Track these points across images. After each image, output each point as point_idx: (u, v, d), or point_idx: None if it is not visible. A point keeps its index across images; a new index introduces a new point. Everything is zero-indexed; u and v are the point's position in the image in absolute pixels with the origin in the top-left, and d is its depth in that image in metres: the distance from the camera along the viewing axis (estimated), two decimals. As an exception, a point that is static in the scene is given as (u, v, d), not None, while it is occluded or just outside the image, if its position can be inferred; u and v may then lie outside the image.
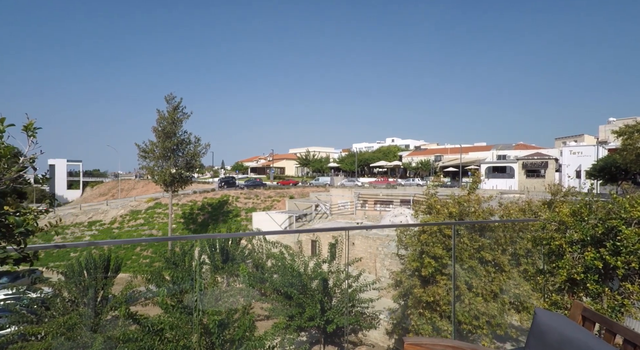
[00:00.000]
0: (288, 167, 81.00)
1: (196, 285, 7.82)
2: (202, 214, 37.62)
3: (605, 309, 2.36)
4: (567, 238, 2.70)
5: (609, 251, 2.46)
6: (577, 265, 2.54)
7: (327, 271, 10.85)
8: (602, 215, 2.66)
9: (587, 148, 37.69)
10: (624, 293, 2.45)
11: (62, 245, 2.15)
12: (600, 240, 2.54)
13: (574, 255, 2.62)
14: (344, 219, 34.29)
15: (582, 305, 1.40)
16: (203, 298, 7.60)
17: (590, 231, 2.59)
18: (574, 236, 2.66)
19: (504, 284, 6.82)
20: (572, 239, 2.67)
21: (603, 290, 2.43)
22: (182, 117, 29.26)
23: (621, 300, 2.38)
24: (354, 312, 11.21)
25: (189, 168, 30.44)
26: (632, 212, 2.53)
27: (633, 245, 2.35)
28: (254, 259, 14.80)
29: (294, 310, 9.54)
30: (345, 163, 64.11)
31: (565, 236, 2.71)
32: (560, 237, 2.72)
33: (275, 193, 42.49)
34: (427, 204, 8.60)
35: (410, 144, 76.59)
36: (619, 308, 2.35)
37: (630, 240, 2.38)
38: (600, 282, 2.50)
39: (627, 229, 2.44)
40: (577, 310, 1.44)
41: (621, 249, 2.39)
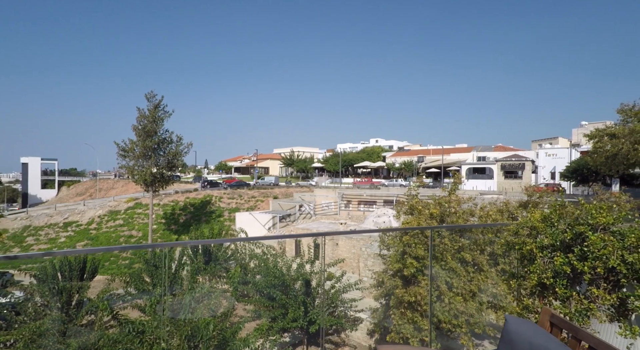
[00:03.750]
0: (272, 167, 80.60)
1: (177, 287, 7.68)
2: (184, 214, 36.95)
3: (572, 313, 2.44)
4: (537, 243, 2.76)
5: (577, 256, 2.54)
6: (547, 270, 2.61)
7: (310, 272, 10.86)
8: (570, 221, 2.75)
9: (561, 150, 39.17)
10: (590, 297, 2.53)
11: (14, 256, 2.01)
12: (569, 246, 2.62)
13: (544, 260, 2.69)
14: (327, 219, 34.38)
15: (550, 312, 1.46)
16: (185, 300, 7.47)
17: (559, 236, 2.66)
18: (544, 241, 2.73)
19: (482, 283, 7.01)
20: (543, 244, 2.74)
21: (571, 295, 2.51)
22: (164, 115, 28.63)
23: (587, 304, 2.46)
24: (337, 313, 11.27)
25: (170, 167, 29.83)
26: (597, 219, 2.61)
27: (598, 250, 2.43)
28: (237, 259, 14.66)
29: (277, 311, 9.51)
30: (329, 163, 64.28)
31: (536, 241, 2.78)
32: (532, 242, 2.79)
33: (259, 193, 42.18)
34: (408, 205, 8.74)
35: (394, 144, 77.58)
36: (586, 312, 2.44)
37: (596, 246, 2.46)
38: (568, 287, 2.57)
39: (593, 235, 2.52)
40: (546, 316, 1.50)
41: (588, 254, 2.47)
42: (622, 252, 2.42)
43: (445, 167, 45.56)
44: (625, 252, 2.41)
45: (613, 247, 2.45)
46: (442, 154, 47.53)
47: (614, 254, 2.43)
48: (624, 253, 2.42)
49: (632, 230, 2.53)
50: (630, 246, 2.47)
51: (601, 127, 18.20)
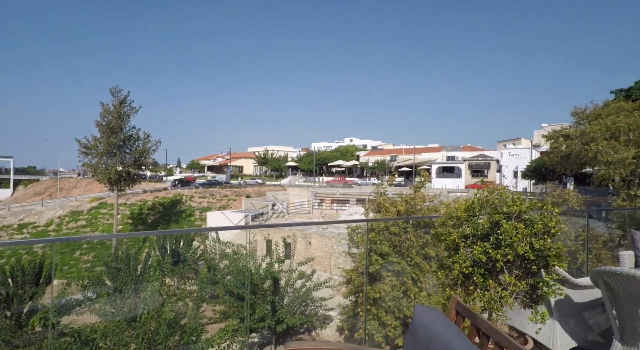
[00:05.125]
0: (246, 165, 79.58)
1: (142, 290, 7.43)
2: (152, 214, 35.69)
3: (487, 301, 2.50)
4: (460, 233, 2.79)
5: (492, 245, 2.58)
6: (467, 260, 2.66)
7: (278, 270, 10.84)
8: (491, 210, 2.78)
9: (523, 151, 41.31)
10: (503, 284, 2.60)
11: None
12: (487, 235, 2.66)
13: (467, 250, 2.73)
14: (300, 218, 34.38)
15: (456, 300, 1.52)
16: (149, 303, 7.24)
17: (480, 226, 2.70)
18: (466, 231, 2.76)
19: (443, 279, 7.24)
20: (465, 233, 2.77)
21: (488, 283, 2.56)
22: (130, 111, 27.46)
23: (500, 291, 2.52)
24: (307, 312, 11.31)
25: (138, 166, 28.69)
26: (512, 207, 2.65)
27: (510, 238, 2.48)
28: (207, 260, 14.36)
29: (245, 311, 9.42)
30: (303, 162, 64.26)
31: (459, 231, 2.81)
32: (455, 232, 2.82)
33: (232, 192, 41.51)
34: (376, 203, 8.90)
35: (368, 144, 78.65)
36: (499, 299, 2.50)
37: (508, 233, 2.50)
38: (486, 275, 2.61)
39: (507, 223, 2.56)
40: (453, 304, 1.56)
41: (501, 242, 2.52)
42: (531, 239, 2.48)
43: (416, 166, 46.80)
44: (534, 239, 2.47)
45: (522, 235, 2.50)
46: (414, 154, 48.78)
47: (523, 241, 2.48)
48: (532, 240, 2.47)
49: (540, 217, 2.57)
50: (538, 233, 2.51)
51: (557, 128, 19.35)
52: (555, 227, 2.52)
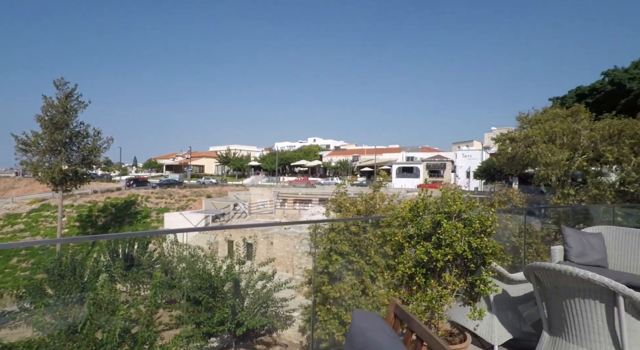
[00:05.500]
0: (208, 165, 77.13)
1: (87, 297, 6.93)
2: (103, 216, 33.40)
3: (429, 300, 2.50)
4: (404, 233, 2.75)
5: (433, 244, 2.59)
6: (411, 260, 2.63)
7: (239, 272, 10.62)
8: (434, 209, 2.77)
9: (475, 152, 43.93)
10: (443, 283, 2.61)
11: None
12: (430, 235, 2.65)
13: (411, 250, 2.70)
14: (263, 218, 33.97)
15: (395, 303, 1.55)
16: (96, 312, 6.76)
17: (423, 226, 2.68)
18: (410, 231, 2.72)
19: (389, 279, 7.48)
20: (409, 234, 2.73)
21: (430, 283, 2.56)
22: (77, 106, 25.44)
23: (441, 291, 2.53)
24: (269, 313, 11.19)
25: (86, 164, 26.68)
26: (452, 207, 2.65)
27: (450, 238, 2.49)
28: (163, 263, 13.72)
29: (203, 315, 9.13)
30: (266, 162, 63.53)
31: (403, 231, 2.76)
32: (400, 232, 2.78)
33: (192, 192, 40.00)
34: (336, 203, 9.02)
35: (331, 144, 79.45)
36: (439, 298, 2.51)
37: (448, 233, 2.50)
38: (428, 275, 2.61)
39: (447, 223, 2.57)
40: (392, 308, 1.59)
41: (442, 242, 2.52)
42: (469, 238, 2.49)
43: (377, 166, 48.02)
44: (472, 238, 2.48)
45: (461, 234, 2.51)
46: (375, 154, 50.01)
47: (462, 240, 2.48)
48: (470, 239, 2.48)
49: (477, 217, 2.57)
50: (476, 232, 2.52)
51: (504, 132, 20.80)
52: (491, 226, 2.55)
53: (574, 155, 14.95)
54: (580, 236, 3.46)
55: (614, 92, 21.22)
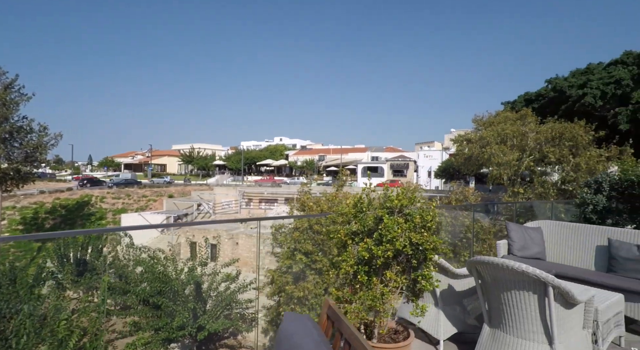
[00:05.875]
0: (170, 164, 74.11)
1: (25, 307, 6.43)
2: (51, 218, 31.01)
3: (371, 299, 2.42)
4: (347, 230, 2.61)
5: (375, 241, 2.46)
6: (353, 257, 2.54)
7: (201, 274, 10.34)
8: (377, 205, 2.69)
9: (436, 152, 45.88)
10: (385, 281, 2.51)
11: None
12: (373, 231, 2.53)
13: (355, 247, 2.61)
14: (227, 218, 33.23)
15: (328, 303, 1.55)
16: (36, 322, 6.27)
17: (367, 222, 2.56)
18: (353, 228, 2.60)
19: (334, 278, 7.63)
20: (353, 230, 2.60)
21: (373, 281, 2.49)
22: (19, 99, 23.34)
23: (382, 289, 2.44)
24: (232, 315, 10.99)
25: (30, 162, 24.57)
26: (394, 202, 2.53)
27: (390, 233, 2.37)
28: (117, 267, 13.01)
29: (162, 321, 8.79)
30: (231, 161, 62.22)
31: (346, 228, 2.63)
32: (343, 229, 2.64)
33: (152, 192, 38.22)
34: (300, 202, 9.05)
35: (298, 143, 79.32)
36: (381, 296, 2.41)
37: (389, 229, 2.39)
38: (370, 273, 2.50)
39: (388, 218, 2.44)
40: (325, 309, 1.55)
41: (383, 238, 2.41)
42: (409, 234, 2.41)
43: (343, 165, 48.64)
44: (413, 234, 2.41)
45: (402, 229, 2.42)
46: (341, 154, 50.63)
47: (402, 236, 2.40)
48: (410, 234, 2.40)
49: (418, 212, 2.50)
50: (417, 227, 2.45)
51: (462, 133, 21.91)
52: (432, 221, 2.50)
53: (523, 156, 16.09)
54: (522, 231, 3.76)
55: (555, 98, 23.10)
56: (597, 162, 13.35)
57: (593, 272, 3.49)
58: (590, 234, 3.71)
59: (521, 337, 2.25)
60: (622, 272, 3.34)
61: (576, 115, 19.08)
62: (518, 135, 16.13)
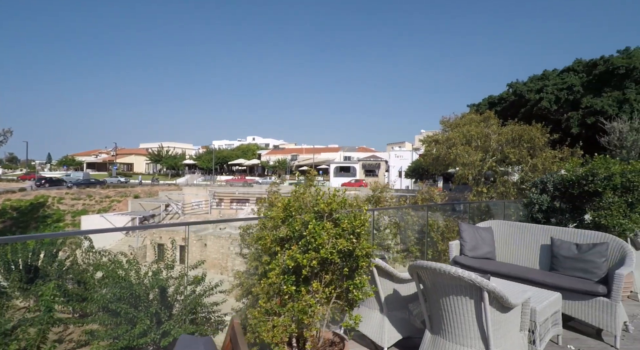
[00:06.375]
0: (137, 163, 71.13)
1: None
2: (1, 221, 28.81)
3: (298, 311, 2.17)
4: (274, 236, 2.34)
5: (301, 248, 2.19)
6: (281, 266, 2.25)
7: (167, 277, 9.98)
8: (310, 209, 2.42)
9: (406, 153, 47.01)
10: (312, 292, 2.22)
11: None
12: (303, 236, 2.23)
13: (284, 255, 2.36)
14: (197, 218, 32.34)
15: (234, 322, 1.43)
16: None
17: (295, 227, 2.29)
18: (281, 233, 2.33)
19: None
20: (281, 236, 2.32)
21: (301, 291, 2.19)
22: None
23: (309, 300, 2.17)
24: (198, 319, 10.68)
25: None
26: (321, 205, 2.30)
27: (315, 240, 2.12)
28: (75, 272, 12.28)
29: (122, 328, 8.38)
30: (202, 160, 60.67)
31: (274, 234, 2.36)
32: (270, 235, 2.37)
33: (116, 192, 36.49)
34: (268, 202, 8.95)
35: (271, 143, 78.64)
36: (309, 309, 2.16)
37: (314, 235, 2.13)
38: (299, 283, 2.22)
39: (314, 224, 2.19)
40: (230, 329, 1.44)
41: (309, 245, 2.14)
42: (336, 241, 2.19)
43: (316, 165, 48.74)
44: (341, 240, 2.17)
45: (329, 235, 2.18)
46: (314, 153, 50.68)
47: (329, 243, 2.16)
48: (338, 241, 2.18)
49: (346, 216, 2.29)
50: (345, 233, 2.21)
51: (431, 134, 22.57)
52: (362, 226, 2.28)
53: (486, 157, 16.82)
54: (474, 231, 3.86)
55: (516, 102, 24.39)
56: (552, 163, 14.18)
57: (537, 271, 3.60)
58: (536, 233, 3.84)
59: (459, 344, 2.20)
60: (562, 270, 3.46)
61: (534, 118, 20.21)
62: (482, 137, 16.83)
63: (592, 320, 3.07)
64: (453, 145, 17.32)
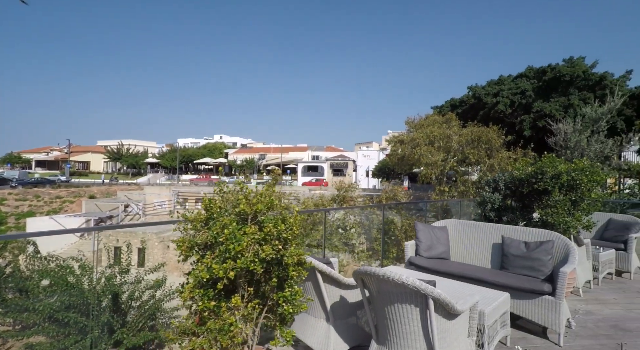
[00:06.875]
0: (95, 161, 66.97)
1: None
2: None
3: (218, 330, 1.88)
4: (190, 242, 1.99)
5: (217, 257, 1.89)
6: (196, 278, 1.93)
7: (121, 282, 9.41)
8: (231, 211, 2.13)
9: (373, 153, 47.90)
10: (232, 308, 1.94)
11: None
12: (220, 243, 1.93)
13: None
14: (159, 219, 30.97)
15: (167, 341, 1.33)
16: None
17: (215, 231, 1.95)
18: (198, 239, 1.99)
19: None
20: (196, 242, 1.98)
21: (222, 307, 1.90)
22: None
23: (228, 318, 1.90)
24: (157, 325, 10.18)
25: None
26: (241, 206, 2.02)
27: (235, 248, 1.83)
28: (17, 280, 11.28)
29: (70, 339, 7.78)
30: (166, 159, 58.25)
31: (191, 240, 2.01)
32: (188, 240, 2.00)
33: (69, 192, 34.04)
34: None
35: (238, 141, 77.17)
36: (228, 327, 1.89)
37: (233, 241, 1.84)
38: (221, 298, 1.92)
39: (235, 228, 1.92)
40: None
41: (226, 254, 1.83)
42: (257, 247, 1.91)
43: (284, 164, 48.42)
44: (266, 247, 1.89)
45: (248, 242, 1.89)
46: (282, 153, 50.27)
47: (249, 250, 1.88)
48: (260, 248, 1.89)
49: (272, 219, 2.03)
50: (270, 238, 1.94)
51: (397, 134, 23.10)
52: (288, 231, 2.03)
53: (448, 157, 17.46)
54: (429, 230, 3.88)
55: (475, 105, 25.61)
56: (507, 163, 14.99)
57: (487, 271, 3.62)
58: (488, 232, 3.90)
59: None
60: (512, 269, 3.52)
61: (491, 120, 21.31)
62: (444, 138, 17.44)
63: (538, 319, 3.10)
64: (417, 146, 17.81)
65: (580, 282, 4.45)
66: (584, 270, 4.45)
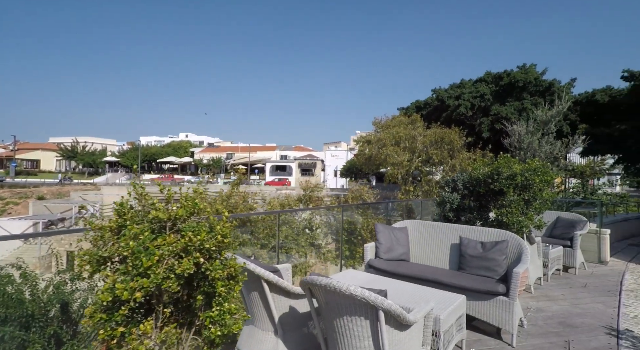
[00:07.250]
0: (45, 159, 62.21)
1: None
2: None
3: None
4: (95, 255, 1.59)
5: (125, 273, 1.51)
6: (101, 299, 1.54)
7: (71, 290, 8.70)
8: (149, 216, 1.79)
9: (342, 152, 48.34)
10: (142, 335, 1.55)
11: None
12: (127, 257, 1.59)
13: None
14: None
15: None
16: None
17: (124, 242, 1.60)
18: (105, 252, 1.60)
19: None
20: (102, 255, 1.59)
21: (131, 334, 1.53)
22: None
23: (137, 347, 1.50)
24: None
25: None
26: (157, 212, 1.69)
27: (143, 263, 1.48)
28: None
29: (7, 355, 7.06)
30: (127, 157, 55.32)
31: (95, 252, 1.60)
32: (96, 254, 1.60)
33: (13, 193, 31.43)
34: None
35: (205, 140, 75.01)
36: None
37: (141, 254, 1.50)
38: (129, 321, 1.55)
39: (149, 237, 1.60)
40: None
41: (134, 269, 1.49)
42: (173, 261, 1.57)
43: (252, 164, 47.64)
44: (184, 260, 1.55)
45: (162, 255, 1.53)
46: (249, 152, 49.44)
47: (162, 265, 1.52)
48: (174, 262, 1.55)
49: (192, 227, 1.66)
50: (191, 249, 1.58)
51: (364, 135, 23.40)
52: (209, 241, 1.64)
53: (413, 157, 17.92)
54: (390, 232, 3.84)
55: (439, 107, 26.54)
56: (467, 163, 15.61)
57: (445, 272, 3.61)
58: (446, 233, 3.93)
59: None
60: (469, 269, 3.53)
61: (454, 122, 22.14)
62: (409, 138, 17.88)
63: (492, 320, 3.12)
64: (384, 146, 18.13)
65: (532, 279, 4.64)
66: (535, 267, 4.64)
